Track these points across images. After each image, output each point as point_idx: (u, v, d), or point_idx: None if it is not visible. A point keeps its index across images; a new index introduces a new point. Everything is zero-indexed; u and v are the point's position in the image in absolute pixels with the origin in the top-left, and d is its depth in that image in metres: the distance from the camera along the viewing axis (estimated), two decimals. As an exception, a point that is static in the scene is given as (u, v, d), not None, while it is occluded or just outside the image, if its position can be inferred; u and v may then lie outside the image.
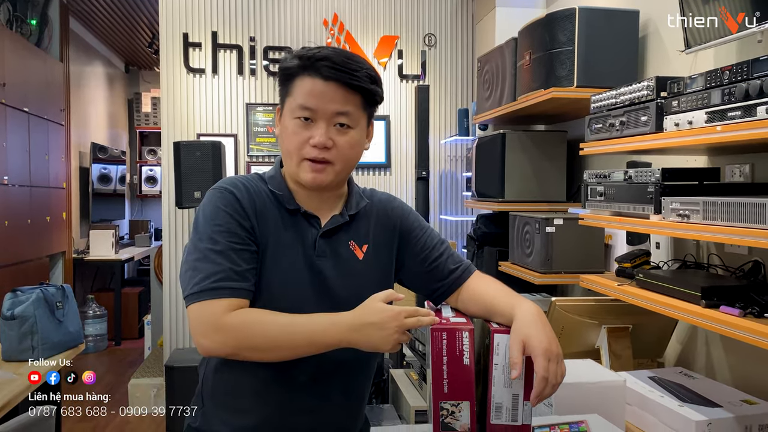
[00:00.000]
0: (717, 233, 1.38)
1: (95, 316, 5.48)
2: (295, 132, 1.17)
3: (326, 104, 1.16)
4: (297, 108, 1.17)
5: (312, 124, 1.17)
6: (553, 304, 1.90)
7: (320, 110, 1.16)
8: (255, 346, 1.08)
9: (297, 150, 1.18)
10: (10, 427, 1.44)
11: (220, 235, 1.13)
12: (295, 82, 1.17)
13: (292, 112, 1.18)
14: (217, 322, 1.07)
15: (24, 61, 4.44)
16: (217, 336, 1.07)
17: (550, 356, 1.05)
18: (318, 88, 1.15)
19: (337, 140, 1.17)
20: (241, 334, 1.08)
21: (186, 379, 3.33)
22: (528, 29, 2.52)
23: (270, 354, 1.10)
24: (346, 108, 1.17)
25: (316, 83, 1.15)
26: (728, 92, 1.36)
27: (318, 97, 1.15)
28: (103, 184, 6.38)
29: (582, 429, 1.23)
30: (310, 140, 1.16)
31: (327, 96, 1.16)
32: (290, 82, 1.19)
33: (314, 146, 1.16)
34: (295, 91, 1.17)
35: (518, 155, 2.76)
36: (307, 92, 1.16)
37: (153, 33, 6.19)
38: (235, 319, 1.08)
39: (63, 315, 2.31)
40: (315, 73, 1.15)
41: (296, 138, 1.17)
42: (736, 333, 1.33)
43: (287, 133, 1.19)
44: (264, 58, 3.93)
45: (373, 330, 1.07)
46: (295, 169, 1.20)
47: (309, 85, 1.16)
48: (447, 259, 1.31)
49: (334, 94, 1.16)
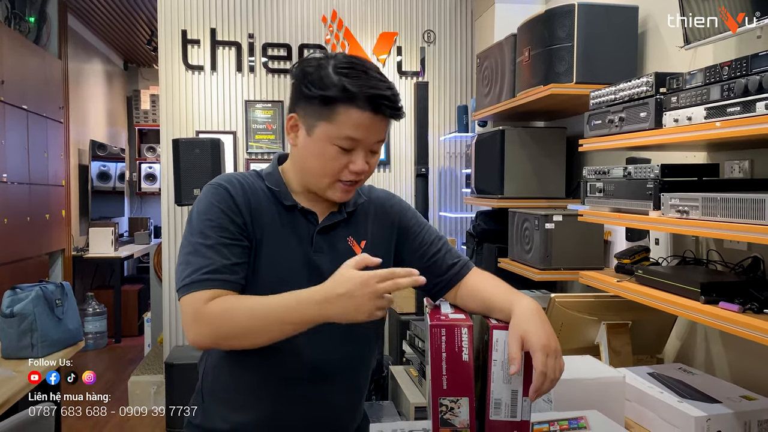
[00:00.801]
0: (716, 229, 1.38)
1: (95, 313, 5.49)
2: (336, 158, 1.16)
3: (371, 135, 1.17)
4: (341, 138, 1.15)
5: (351, 152, 1.17)
6: (553, 300, 1.90)
7: (366, 141, 1.17)
8: (233, 334, 1.07)
9: (332, 173, 1.18)
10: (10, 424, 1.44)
11: (212, 230, 1.14)
12: (339, 110, 1.13)
13: (331, 139, 1.15)
14: (198, 312, 1.07)
15: (22, 59, 4.43)
16: (196, 327, 1.07)
17: (549, 351, 1.05)
18: (368, 122, 1.14)
19: (371, 163, 1.20)
20: (219, 322, 1.07)
21: (186, 376, 3.33)
22: (527, 25, 2.52)
23: (249, 340, 1.08)
24: (384, 136, 1.20)
25: (365, 116, 1.14)
26: (727, 88, 1.36)
27: (366, 130, 1.15)
28: (103, 182, 6.38)
29: (581, 425, 1.23)
30: (350, 166, 1.17)
31: (374, 128, 1.16)
32: (331, 107, 1.14)
33: (354, 172, 1.17)
34: (339, 119, 1.14)
35: (517, 152, 2.76)
36: (355, 125, 1.14)
37: (152, 30, 6.18)
38: (212, 308, 1.07)
39: (62, 312, 2.31)
40: (366, 107, 1.13)
41: (336, 164, 1.17)
42: (736, 329, 1.33)
43: (324, 157, 1.17)
44: (263, 55, 3.93)
45: (344, 300, 1.02)
46: (321, 187, 1.20)
47: (358, 118, 1.13)
48: (445, 255, 1.31)
49: (380, 126, 1.17)
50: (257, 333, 1.07)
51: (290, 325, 1.06)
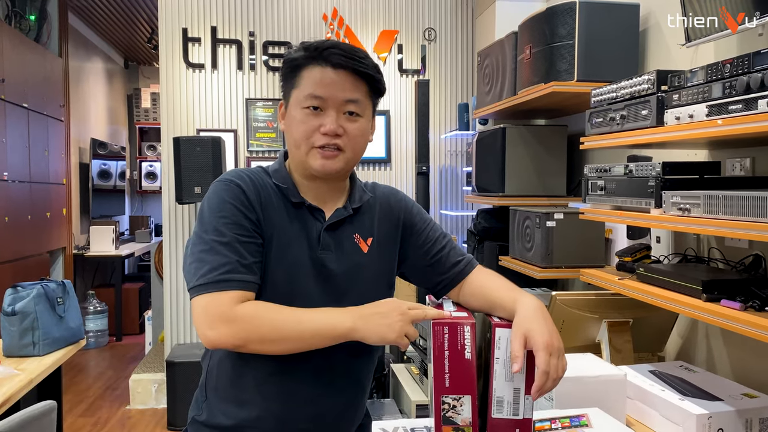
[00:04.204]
0: (718, 227, 1.38)
1: (96, 311, 5.49)
2: (304, 121, 1.17)
3: (336, 92, 1.16)
4: (306, 98, 1.17)
5: (321, 113, 1.17)
6: (554, 298, 1.90)
7: (330, 98, 1.16)
8: (263, 338, 1.08)
9: (306, 138, 1.18)
10: (12, 422, 1.44)
11: (227, 227, 1.13)
12: (302, 73, 1.18)
13: (300, 102, 1.18)
14: (227, 313, 1.07)
15: (23, 57, 4.43)
16: (225, 328, 1.07)
17: (552, 350, 1.05)
18: (328, 77, 1.16)
19: (347, 127, 1.18)
20: (249, 326, 1.07)
21: (187, 375, 3.34)
22: (528, 23, 2.51)
23: (277, 346, 1.10)
24: (356, 96, 1.18)
25: (325, 72, 1.16)
26: (729, 85, 1.36)
27: (328, 86, 1.16)
28: (103, 180, 6.38)
29: (583, 423, 1.23)
30: (321, 128, 1.17)
31: (337, 84, 1.16)
32: (296, 73, 1.19)
33: (325, 134, 1.17)
34: (303, 81, 1.17)
35: (518, 150, 2.76)
36: (316, 81, 1.16)
37: (152, 28, 6.18)
38: (244, 310, 1.08)
39: (64, 311, 2.31)
40: (324, 62, 1.16)
41: (305, 127, 1.17)
42: (737, 327, 1.33)
43: (295, 122, 1.18)
44: (263, 53, 3.93)
45: (377, 318, 1.08)
46: (304, 158, 1.19)
47: (318, 74, 1.16)
48: (449, 252, 1.31)
49: (344, 81, 1.17)
50: (289, 339, 1.09)
51: (322, 337, 1.09)
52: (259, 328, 1.08)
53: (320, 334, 1.09)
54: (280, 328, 1.09)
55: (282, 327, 1.09)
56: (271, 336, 1.08)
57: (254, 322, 1.08)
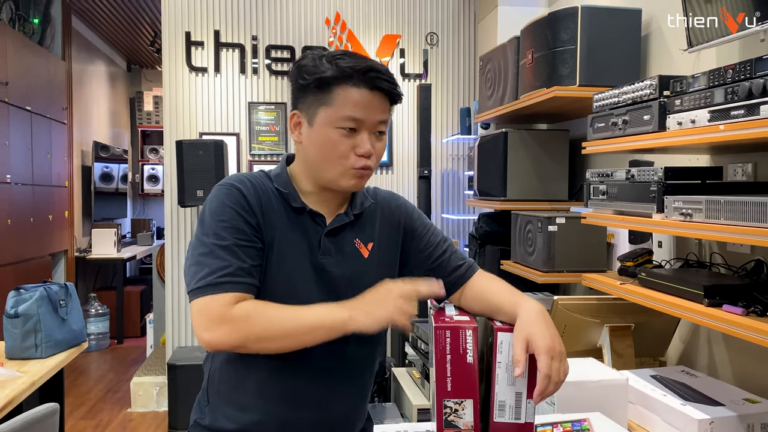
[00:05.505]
0: (719, 232, 1.38)
1: (97, 314, 5.50)
2: (340, 142, 1.17)
3: (373, 115, 1.17)
4: (342, 119, 1.16)
5: (355, 134, 1.17)
6: (556, 302, 1.90)
7: (367, 121, 1.17)
8: (260, 336, 1.08)
9: (341, 159, 1.18)
10: (15, 424, 1.44)
11: (226, 231, 1.13)
12: (336, 91, 1.15)
13: (333, 122, 1.16)
14: (223, 314, 1.07)
15: (26, 60, 4.44)
16: (222, 328, 1.07)
17: (554, 354, 1.05)
18: (366, 99, 1.16)
19: (375, 147, 1.20)
20: (246, 325, 1.07)
21: (188, 378, 3.34)
22: (530, 28, 2.52)
23: (276, 343, 1.10)
24: (386, 116, 1.20)
25: (363, 93, 1.16)
26: (731, 91, 1.36)
27: (366, 108, 1.16)
28: (105, 183, 6.39)
29: (584, 427, 1.23)
30: (356, 149, 1.17)
31: (375, 107, 1.17)
32: (328, 90, 1.16)
33: (361, 156, 1.18)
34: (338, 100, 1.16)
35: (520, 154, 2.76)
36: (355, 103, 1.15)
37: (155, 31, 6.20)
38: (240, 310, 1.08)
39: (66, 313, 2.31)
40: (362, 83, 1.15)
41: (340, 147, 1.17)
42: (739, 332, 1.33)
43: (329, 142, 1.17)
44: (266, 56, 3.94)
45: (370, 301, 1.09)
46: (334, 176, 1.20)
47: (357, 96, 1.15)
48: (450, 256, 1.31)
49: (380, 104, 1.18)
50: (286, 336, 1.09)
51: (318, 331, 1.08)
52: (256, 326, 1.08)
53: (317, 328, 1.08)
54: (277, 325, 1.08)
55: (279, 324, 1.09)
56: (269, 333, 1.08)
57: (251, 320, 1.08)
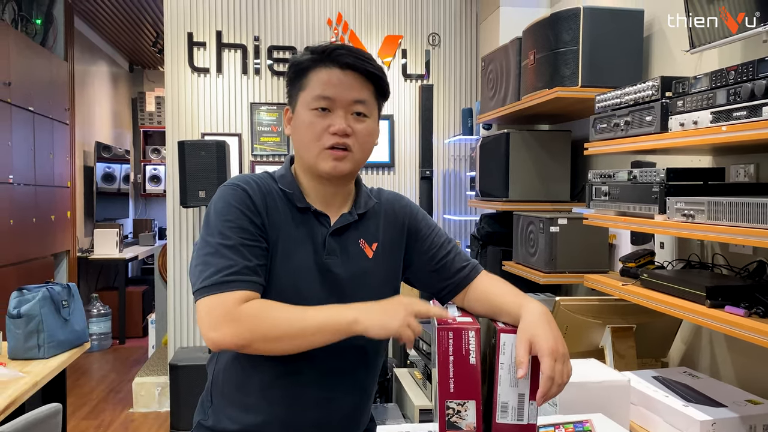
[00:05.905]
0: (721, 233, 1.38)
1: (99, 314, 5.50)
2: (313, 122, 1.18)
3: (345, 92, 1.18)
4: (314, 99, 1.18)
5: (329, 113, 1.18)
6: (558, 303, 1.90)
7: (339, 99, 1.18)
8: (267, 336, 1.07)
9: (315, 140, 1.19)
10: (18, 424, 1.44)
11: (231, 231, 1.14)
12: (309, 76, 1.19)
13: (307, 104, 1.19)
14: (230, 313, 1.07)
15: (29, 61, 4.45)
16: (228, 327, 1.06)
17: (557, 356, 1.05)
18: (336, 77, 1.17)
19: (355, 128, 1.19)
20: (253, 324, 1.07)
21: (190, 378, 3.34)
22: (532, 29, 2.52)
23: (282, 344, 1.09)
24: (363, 96, 1.20)
25: (333, 72, 1.17)
26: (733, 92, 1.36)
27: (336, 86, 1.17)
28: (107, 183, 6.40)
29: (587, 428, 1.23)
30: (330, 128, 1.18)
31: (345, 84, 1.18)
32: (303, 76, 1.20)
33: (334, 133, 1.17)
34: (310, 83, 1.19)
35: (522, 155, 2.76)
36: (324, 82, 1.17)
37: (157, 32, 6.21)
38: (247, 309, 1.08)
39: (69, 314, 2.32)
40: (331, 63, 1.17)
41: (314, 128, 1.18)
42: (741, 333, 1.33)
43: (304, 125, 1.19)
44: (268, 57, 3.94)
45: (381, 309, 1.08)
46: (313, 160, 1.20)
47: (326, 75, 1.18)
48: (454, 257, 1.31)
49: (352, 82, 1.18)
50: (293, 337, 1.08)
51: (325, 332, 1.08)
52: (263, 326, 1.07)
53: (324, 329, 1.08)
54: (284, 326, 1.08)
55: (286, 323, 1.08)
56: (275, 333, 1.07)
57: (257, 320, 1.07)
